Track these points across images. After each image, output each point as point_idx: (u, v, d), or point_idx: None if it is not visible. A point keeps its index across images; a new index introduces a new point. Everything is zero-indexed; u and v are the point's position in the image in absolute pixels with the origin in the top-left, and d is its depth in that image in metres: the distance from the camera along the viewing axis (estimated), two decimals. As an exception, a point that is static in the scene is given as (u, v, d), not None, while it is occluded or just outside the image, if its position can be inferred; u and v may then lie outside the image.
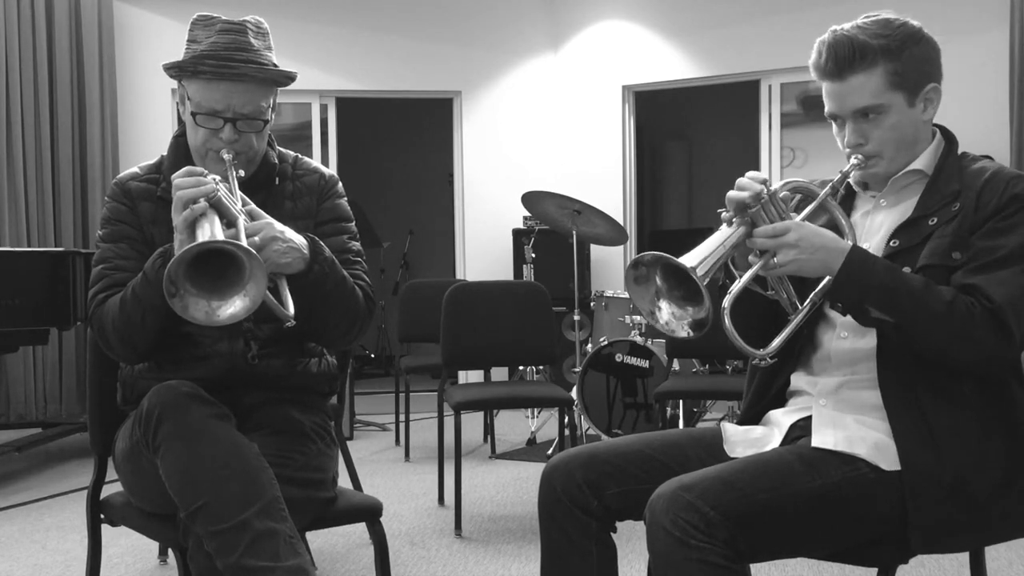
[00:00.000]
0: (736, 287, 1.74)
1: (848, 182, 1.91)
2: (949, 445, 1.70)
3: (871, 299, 1.71)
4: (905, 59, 1.79)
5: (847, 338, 1.85)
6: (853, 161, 1.84)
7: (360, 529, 3.38)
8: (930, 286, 1.70)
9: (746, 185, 1.76)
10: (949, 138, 1.90)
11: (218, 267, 1.83)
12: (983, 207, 1.76)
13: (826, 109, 1.87)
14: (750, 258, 1.76)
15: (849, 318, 1.83)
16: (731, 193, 1.76)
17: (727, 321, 1.70)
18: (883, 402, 1.77)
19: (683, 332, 1.71)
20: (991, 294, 1.67)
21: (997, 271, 1.70)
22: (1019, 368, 1.81)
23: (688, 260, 1.65)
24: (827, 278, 1.75)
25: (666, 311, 1.73)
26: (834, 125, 1.89)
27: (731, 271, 1.81)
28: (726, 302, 1.72)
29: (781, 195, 1.79)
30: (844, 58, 1.79)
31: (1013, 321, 1.66)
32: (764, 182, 1.76)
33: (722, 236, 1.74)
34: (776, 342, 1.78)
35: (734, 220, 1.75)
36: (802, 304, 1.82)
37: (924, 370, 1.74)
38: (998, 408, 1.76)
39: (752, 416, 2.00)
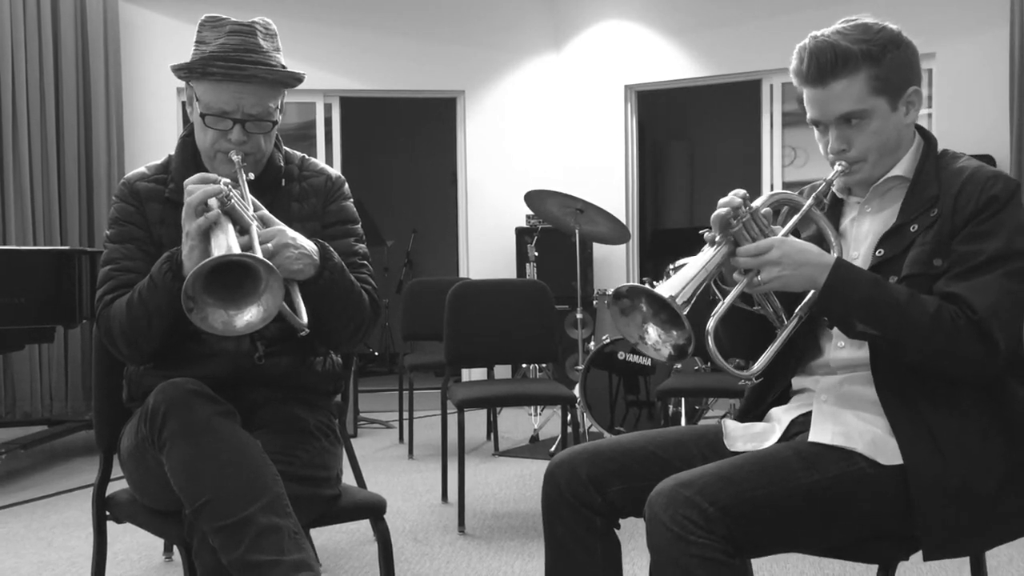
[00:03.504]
0: (720, 309, 1.74)
1: (832, 191, 1.90)
2: (952, 451, 1.70)
3: (856, 313, 1.71)
4: (887, 64, 1.78)
5: (844, 347, 1.85)
6: (837, 168, 1.83)
7: (364, 526, 3.39)
8: (915, 298, 1.70)
9: (727, 202, 1.76)
10: (928, 138, 1.89)
11: (234, 277, 1.83)
12: (960, 210, 1.75)
13: (808, 115, 1.86)
14: (735, 275, 1.76)
15: None
16: (715, 213, 1.75)
17: (711, 343, 1.70)
18: (883, 410, 1.76)
19: (667, 352, 1.71)
20: (974, 304, 1.67)
21: (978, 277, 1.70)
22: (1018, 366, 1.80)
23: (667, 289, 1.63)
24: (812, 292, 1.75)
25: (653, 334, 1.72)
26: (816, 131, 1.88)
27: (719, 290, 1.80)
28: (710, 325, 1.71)
29: (763, 211, 1.78)
30: (826, 64, 1.77)
31: (997, 330, 1.66)
32: (744, 198, 1.75)
33: (705, 258, 1.73)
34: (761, 362, 1.78)
35: (717, 239, 1.75)
36: (788, 318, 1.82)
37: (920, 377, 1.74)
38: (997, 409, 1.75)
39: (752, 417, 2.00)
